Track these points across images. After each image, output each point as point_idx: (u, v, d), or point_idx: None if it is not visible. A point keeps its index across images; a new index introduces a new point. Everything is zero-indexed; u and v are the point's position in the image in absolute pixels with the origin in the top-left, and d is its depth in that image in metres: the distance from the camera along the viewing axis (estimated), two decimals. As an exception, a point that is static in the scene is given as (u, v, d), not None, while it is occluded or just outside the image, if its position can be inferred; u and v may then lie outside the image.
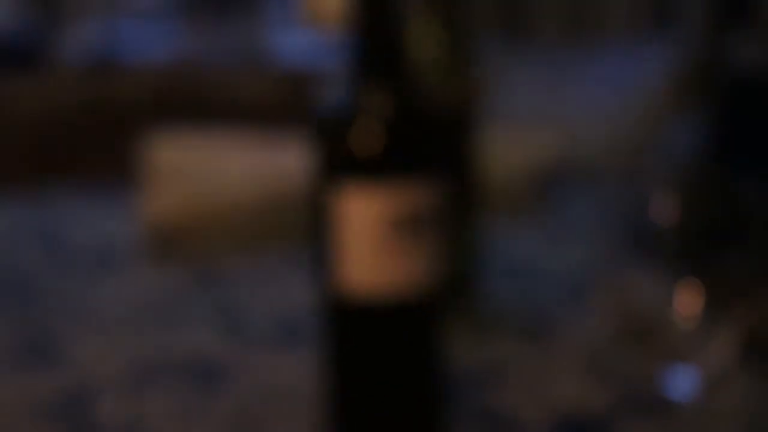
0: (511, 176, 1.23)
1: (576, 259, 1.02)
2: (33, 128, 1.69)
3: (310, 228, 0.69)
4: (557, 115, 2.35)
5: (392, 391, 0.68)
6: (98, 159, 1.69)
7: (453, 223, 0.92)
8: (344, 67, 0.67)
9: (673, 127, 2.31)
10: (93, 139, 1.71)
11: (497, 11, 2.70)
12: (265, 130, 1.44)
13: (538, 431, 0.73)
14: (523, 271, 1.04)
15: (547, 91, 2.43)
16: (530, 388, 0.79)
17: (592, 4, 2.68)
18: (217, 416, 0.76)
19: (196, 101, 1.78)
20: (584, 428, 0.74)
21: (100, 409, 0.78)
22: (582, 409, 0.76)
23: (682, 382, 0.62)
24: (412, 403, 0.69)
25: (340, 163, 0.65)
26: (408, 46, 0.89)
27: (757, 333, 0.66)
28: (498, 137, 1.32)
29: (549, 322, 0.91)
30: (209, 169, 1.18)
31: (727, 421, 0.74)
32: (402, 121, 0.66)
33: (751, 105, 2.48)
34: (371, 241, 0.64)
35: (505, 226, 1.17)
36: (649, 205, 0.61)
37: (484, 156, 1.01)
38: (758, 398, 0.77)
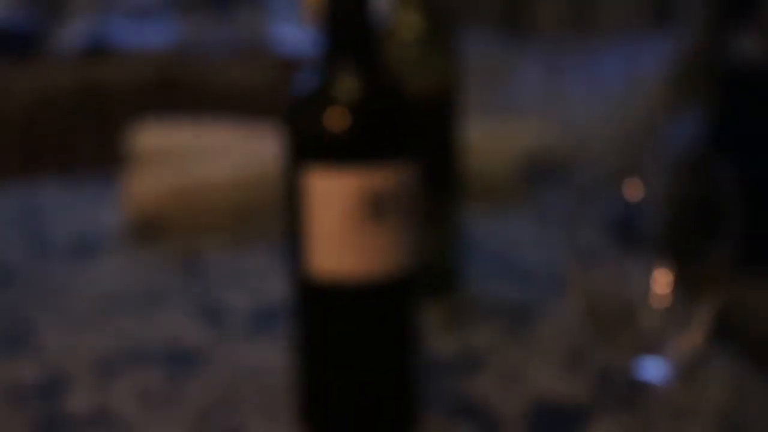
0: (498, 166, 1.23)
1: (559, 248, 1.01)
2: (24, 115, 1.68)
3: (283, 212, 0.69)
4: (557, 108, 2.34)
5: (363, 374, 0.67)
6: (88, 145, 1.69)
7: (434, 210, 0.91)
8: (317, 52, 0.66)
9: (672, 121, 2.30)
10: (83, 126, 1.70)
11: (499, 6, 2.69)
12: (258, 117, 1.43)
13: (513, 420, 0.72)
14: (506, 260, 1.03)
15: (547, 84, 2.42)
16: (507, 377, 0.78)
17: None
18: (192, 402, 0.75)
19: (191, 88, 1.78)
20: (560, 417, 0.73)
21: (74, 394, 0.77)
22: (558, 398, 0.75)
23: (658, 369, 0.61)
24: (383, 387, 0.68)
25: (308, 146, 0.65)
26: (379, 29, 0.89)
27: (730, 318, 0.65)
28: (486, 127, 1.32)
29: (529, 310, 0.91)
30: (192, 157, 1.18)
31: (703, 405, 0.73)
32: (368, 104, 0.65)
33: (750, 100, 2.47)
34: (340, 224, 0.64)
35: (489, 215, 1.16)
36: (630, 193, 0.60)
37: (468, 143, 1.00)
38: (732, 382, 0.76)
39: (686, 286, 0.60)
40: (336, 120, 0.64)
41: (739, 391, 0.75)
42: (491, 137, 1.25)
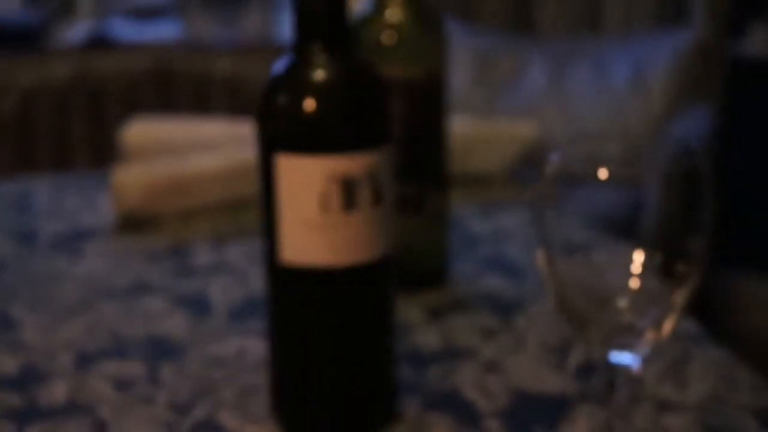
0: (491, 160, 1.22)
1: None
2: (21, 107, 1.68)
3: (259, 199, 0.68)
4: (563, 107, 2.33)
5: (338, 364, 0.67)
6: (84, 137, 1.69)
7: (421, 199, 0.90)
8: (291, 38, 0.66)
9: (679, 118, 2.28)
10: (80, 118, 1.70)
11: (506, 5, 2.68)
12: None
13: (494, 411, 0.71)
14: (494, 253, 1.02)
15: (554, 83, 2.41)
16: (488, 369, 0.77)
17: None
18: (171, 392, 0.75)
19: (190, 80, 1.77)
20: (541, 409, 0.72)
21: (53, 384, 0.76)
22: (539, 390, 0.74)
23: (633, 358, 0.60)
24: (360, 377, 0.67)
25: (278, 132, 0.64)
26: (360, 15, 0.87)
27: (723, 314, 0.64)
28: (480, 122, 1.31)
29: (513, 303, 0.90)
30: (180, 150, 1.18)
31: (686, 399, 0.72)
32: (339, 90, 0.64)
33: (758, 97, 2.45)
34: (312, 210, 0.63)
35: (480, 209, 1.15)
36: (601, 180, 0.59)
37: (462, 138, 0.99)
38: (715, 376, 0.75)
39: (661, 274, 0.59)
40: (305, 105, 0.63)
41: (722, 385, 0.74)
42: (485, 132, 1.24)
